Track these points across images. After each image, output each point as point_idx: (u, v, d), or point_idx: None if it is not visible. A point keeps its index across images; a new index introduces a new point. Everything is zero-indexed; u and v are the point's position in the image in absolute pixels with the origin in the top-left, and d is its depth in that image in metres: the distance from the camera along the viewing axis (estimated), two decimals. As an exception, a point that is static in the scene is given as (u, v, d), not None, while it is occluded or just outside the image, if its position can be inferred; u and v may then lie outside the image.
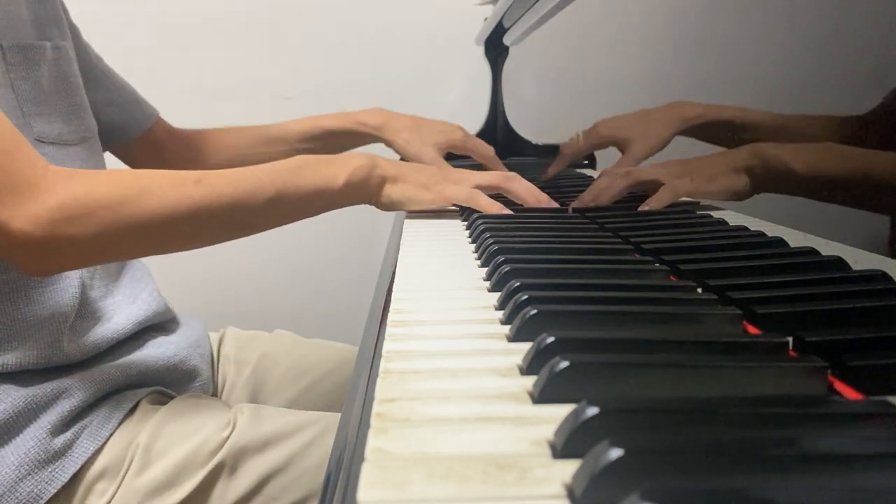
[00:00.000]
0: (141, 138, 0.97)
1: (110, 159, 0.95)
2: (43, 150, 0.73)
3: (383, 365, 0.36)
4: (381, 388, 0.33)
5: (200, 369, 0.84)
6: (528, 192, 0.79)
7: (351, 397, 0.38)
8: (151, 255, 0.71)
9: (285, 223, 0.71)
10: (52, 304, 0.70)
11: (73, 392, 0.68)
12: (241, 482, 0.67)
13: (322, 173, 0.71)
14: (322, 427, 0.71)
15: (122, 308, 0.79)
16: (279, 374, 0.93)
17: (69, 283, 0.72)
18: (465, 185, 0.77)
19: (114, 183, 0.63)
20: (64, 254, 0.63)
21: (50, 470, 0.65)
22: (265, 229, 0.70)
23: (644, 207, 0.70)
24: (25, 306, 0.68)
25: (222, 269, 1.76)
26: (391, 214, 1.01)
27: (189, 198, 0.64)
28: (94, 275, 0.77)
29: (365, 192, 0.74)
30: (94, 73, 0.91)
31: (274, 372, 0.93)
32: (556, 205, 0.80)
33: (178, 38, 1.70)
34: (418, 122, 1.06)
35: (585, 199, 0.78)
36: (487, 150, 1.06)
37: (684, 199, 0.72)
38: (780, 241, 0.52)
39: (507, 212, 0.75)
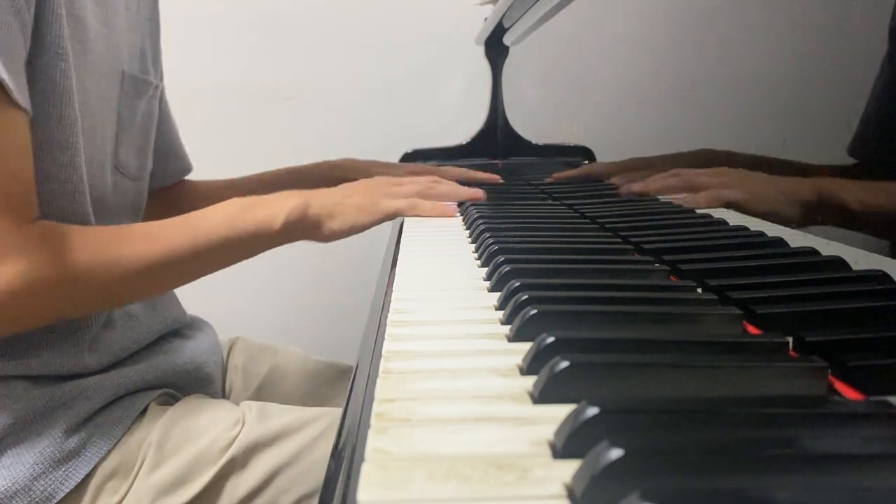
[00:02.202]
0: (160, 189, 0.98)
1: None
2: (115, 179, 0.76)
3: (383, 365, 0.36)
4: (381, 388, 0.33)
5: (214, 377, 0.85)
6: (457, 192, 0.83)
7: (351, 397, 0.38)
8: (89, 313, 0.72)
9: (224, 267, 0.72)
10: (84, 317, 0.70)
11: (90, 394, 0.69)
12: (251, 476, 0.67)
13: (259, 217, 0.71)
14: (329, 421, 0.72)
15: (142, 316, 0.79)
16: (287, 390, 0.93)
17: None
18: (402, 198, 0.78)
19: (72, 257, 0.63)
20: (15, 322, 0.64)
21: (64, 469, 0.65)
22: (206, 275, 0.71)
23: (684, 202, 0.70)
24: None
25: (229, 276, 1.75)
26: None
27: (139, 260, 0.65)
28: None
29: (303, 230, 0.73)
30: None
31: (281, 387, 0.93)
32: (480, 194, 0.85)
33: (178, 38, 1.70)
34: (379, 162, 1.07)
35: (634, 188, 0.79)
36: (453, 170, 1.06)
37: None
38: (780, 241, 0.52)
39: (452, 213, 0.79)
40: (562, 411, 0.28)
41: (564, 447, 0.26)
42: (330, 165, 1.04)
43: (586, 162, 1.13)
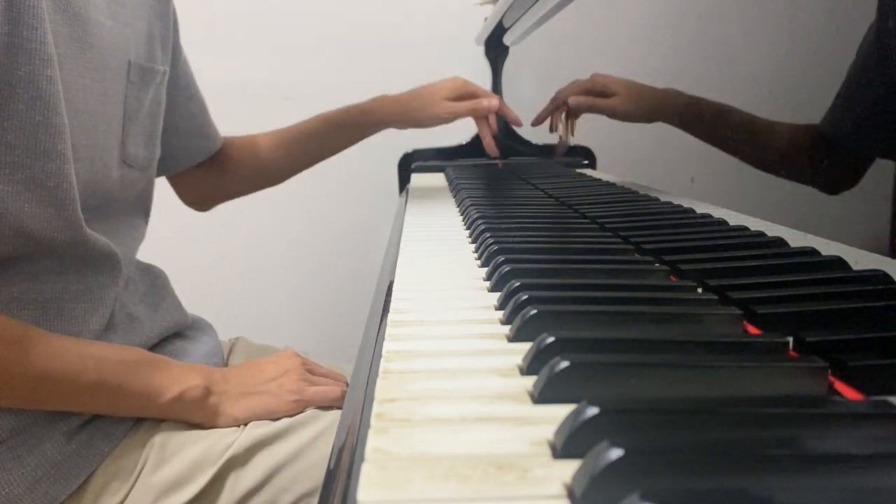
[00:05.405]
0: (195, 167, 0.98)
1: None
2: (122, 172, 0.75)
3: (383, 365, 0.36)
4: (381, 388, 0.33)
5: None
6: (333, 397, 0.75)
7: (351, 397, 0.38)
8: None
9: (96, 412, 0.67)
10: (83, 319, 0.70)
11: None
12: (252, 474, 0.67)
13: (152, 380, 0.68)
14: (329, 421, 0.72)
15: (144, 318, 0.78)
16: None
17: (104, 302, 0.72)
18: (329, 385, 0.75)
19: None
20: None
21: (66, 471, 0.65)
22: (74, 410, 0.66)
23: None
24: (56, 319, 0.68)
25: (229, 276, 1.75)
26: (391, 214, 1.01)
27: (4, 359, 0.61)
28: (128, 286, 0.78)
29: (198, 413, 0.70)
30: (171, 97, 0.90)
31: None
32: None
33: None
34: (415, 91, 1.07)
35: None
36: (492, 94, 1.09)
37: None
38: (780, 241, 0.52)
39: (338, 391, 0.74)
40: (562, 411, 0.28)
41: (564, 447, 0.26)
42: (360, 111, 1.05)
43: (586, 162, 1.13)
